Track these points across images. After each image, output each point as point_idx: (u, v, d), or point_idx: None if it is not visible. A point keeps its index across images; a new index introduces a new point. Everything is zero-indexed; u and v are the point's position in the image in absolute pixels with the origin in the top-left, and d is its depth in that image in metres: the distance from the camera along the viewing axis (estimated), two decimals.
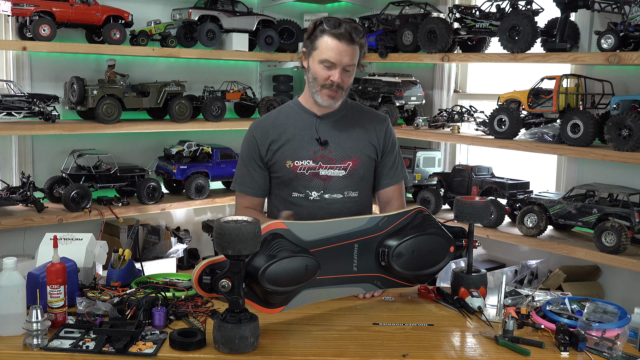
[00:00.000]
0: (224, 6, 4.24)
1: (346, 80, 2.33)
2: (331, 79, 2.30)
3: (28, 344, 1.77)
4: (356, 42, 2.28)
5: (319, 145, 2.40)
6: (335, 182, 2.41)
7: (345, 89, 2.36)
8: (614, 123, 3.02)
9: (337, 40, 2.26)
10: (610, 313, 1.96)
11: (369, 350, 1.82)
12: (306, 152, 2.40)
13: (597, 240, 3.08)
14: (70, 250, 2.19)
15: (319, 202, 2.41)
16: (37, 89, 3.80)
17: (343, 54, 2.27)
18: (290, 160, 2.39)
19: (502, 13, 3.53)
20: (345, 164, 2.41)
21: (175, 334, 1.80)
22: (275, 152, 2.41)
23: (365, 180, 2.48)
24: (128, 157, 4.17)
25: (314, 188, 2.40)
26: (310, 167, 2.39)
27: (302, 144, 2.40)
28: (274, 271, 1.82)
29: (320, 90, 2.34)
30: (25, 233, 3.78)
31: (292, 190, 2.43)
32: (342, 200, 2.42)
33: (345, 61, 2.28)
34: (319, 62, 2.30)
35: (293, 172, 2.40)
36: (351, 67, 2.31)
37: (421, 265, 2.15)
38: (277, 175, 2.44)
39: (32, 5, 3.50)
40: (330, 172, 2.40)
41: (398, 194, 2.53)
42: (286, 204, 2.44)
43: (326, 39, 2.28)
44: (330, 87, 2.32)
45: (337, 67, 2.29)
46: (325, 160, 2.39)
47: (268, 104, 4.34)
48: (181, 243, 4.14)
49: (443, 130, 3.96)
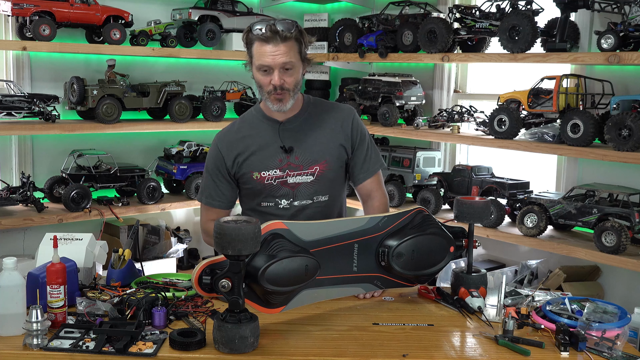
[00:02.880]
0: (224, 6, 4.24)
1: (289, 80, 2.26)
2: (272, 82, 2.25)
3: (28, 344, 1.77)
4: (287, 38, 2.21)
5: (284, 153, 2.36)
6: (304, 189, 2.38)
7: (292, 89, 2.28)
8: (614, 123, 3.02)
9: (265, 42, 2.20)
10: (610, 313, 1.96)
11: (369, 350, 1.82)
12: (272, 162, 2.36)
13: (597, 240, 3.08)
14: (70, 250, 2.19)
15: (288, 209, 2.39)
16: (37, 89, 3.80)
17: (275, 54, 2.21)
18: (257, 172, 2.37)
19: (502, 13, 3.53)
20: (313, 169, 2.37)
21: (175, 334, 1.80)
22: (242, 164, 2.39)
23: (336, 182, 2.45)
24: (128, 157, 4.17)
25: (283, 196, 2.39)
26: (277, 177, 2.36)
27: (267, 154, 2.37)
28: (274, 271, 1.82)
29: (268, 97, 2.30)
30: (25, 233, 3.78)
31: (262, 200, 2.41)
32: (311, 205, 2.40)
33: (280, 60, 2.21)
34: (257, 69, 2.28)
35: (261, 183, 2.38)
36: (290, 64, 2.24)
37: (421, 265, 2.15)
38: (246, 186, 2.42)
39: (32, 5, 3.50)
40: (299, 179, 2.37)
41: (377, 185, 2.50)
42: (256, 213, 2.43)
43: (257, 45, 2.24)
44: (274, 91, 2.26)
45: (274, 69, 2.23)
46: (292, 167, 2.36)
47: None
48: (181, 243, 4.14)
49: (443, 130, 3.96)
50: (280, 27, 2.20)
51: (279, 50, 2.21)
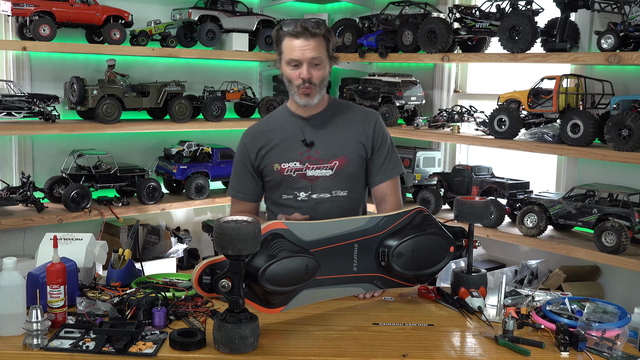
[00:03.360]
0: (224, 6, 4.24)
1: (316, 74, 2.35)
2: (300, 76, 2.34)
3: (28, 344, 1.77)
4: (316, 34, 2.31)
5: (305, 147, 2.43)
6: (323, 182, 2.43)
7: (319, 84, 2.37)
8: (614, 123, 3.02)
9: (296, 38, 2.31)
10: (610, 313, 1.96)
11: (369, 350, 1.82)
12: (293, 155, 2.43)
13: (597, 240, 3.08)
14: (70, 250, 2.20)
15: (307, 202, 2.44)
16: (37, 89, 3.80)
17: (305, 49, 2.30)
18: (278, 164, 2.44)
19: (502, 13, 3.53)
20: (332, 163, 2.43)
21: (175, 334, 1.80)
22: (264, 157, 2.47)
23: (355, 179, 2.48)
24: (128, 157, 4.17)
25: (301, 189, 2.43)
26: (297, 169, 2.43)
27: (288, 147, 2.44)
28: (274, 271, 1.82)
29: (296, 91, 2.38)
30: (25, 233, 3.78)
31: (282, 193, 2.47)
32: (330, 199, 2.44)
33: (309, 55, 2.31)
34: (286, 64, 2.37)
35: (280, 175, 2.44)
36: (318, 60, 2.33)
37: (421, 265, 2.15)
38: (268, 179, 2.49)
39: (32, 5, 3.50)
40: (318, 172, 2.43)
41: (392, 189, 2.52)
42: (277, 206, 2.50)
43: (287, 41, 2.34)
44: (302, 85, 2.35)
45: (303, 63, 2.32)
46: (311, 161, 2.42)
47: (268, 104, 4.34)
48: (181, 243, 4.14)
49: (443, 130, 3.96)
50: (310, 24, 2.31)
51: (308, 46, 2.30)
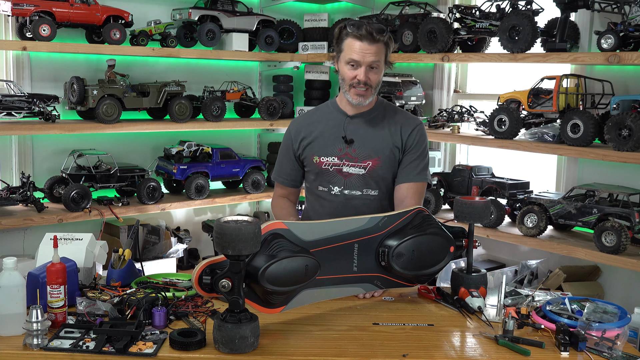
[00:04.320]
0: (224, 6, 4.24)
1: (373, 77, 2.40)
2: (357, 77, 2.39)
3: (28, 344, 1.77)
4: (379, 40, 2.36)
5: (344, 144, 2.49)
6: (355, 180, 2.49)
7: (374, 87, 2.43)
8: (614, 123, 3.02)
9: (359, 40, 2.35)
10: (610, 313, 1.96)
11: (369, 350, 1.82)
12: (332, 149, 2.50)
13: (597, 240, 3.08)
14: (70, 250, 2.20)
15: (339, 197, 2.51)
16: (37, 89, 3.80)
17: (366, 52, 2.35)
18: (317, 156, 2.52)
19: (502, 13, 3.53)
20: (366, 163, 2.48)
21: (175, 334, 1.80)
22: (306, 147, 2.55)
23: (386, 180, 2.52)
24: (128, 157, 4.17)
25: (336, 183, 2.51)
26: (334, 164, 2.50)
27: (329, 142, 2.51)
28: (274, 271, 1.82)
29: (349, 90, 2.45)
30: (25, 233, 3.78)
31: (318, 184, 2.56)
32: (361, 197, 2.50)
33: (369, 59, 2.36)
34: (345, 62, 2.41)
35: (319, 167, 2.52)
36: (376, 64, 2.39)
37: (421, 265, 2.15)
38: (307, 169, 2.58)
39: (32, 5, 3.50)
40: (352, 169, 2.49)
41: (412, 193, 2.48)
42: (313, 195, 2.60)
43: (349, 41, 2.38)
44: (357, 85, 2.40)
45: (361, 65, 2.37)
46: (348, 158, 2.49)
47: (268, 104, 4.34)
48: (181, 243, 4.14)
49: (443, 130, 3.96)
50: (375, 30, 2.35)
51: (370, 50, 2.36)
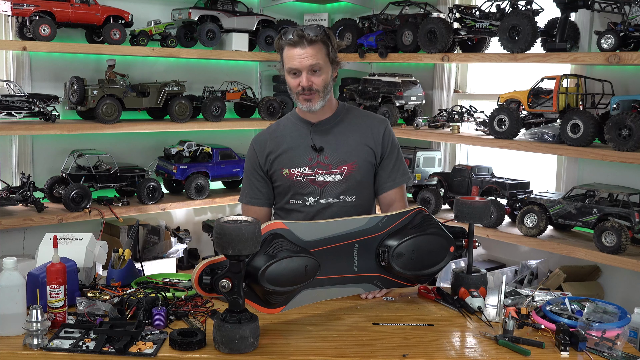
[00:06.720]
0: (224, 6, 4.24)
1: (316, 80, 2.35)
2: (301, 84, 2.35)
3: (28, 344, 1.77)
4: (313, 41, 2.31)
5: (314, 152, 2.44)
6: (332, 187, 2.43)
7: (321, 90, 2.37)
8: (614, 123, 3.02)
9: (293, 47, 2.32)
10: (610, 313, 1.96)
11: (369, 350, 1.82)
12: (302, 160, 2.44)
13: (597, 240, 3.08)
14: (70, 250, 2.19)
15: (314, 206, 2.44)
16: (37, 89, 3.80)
17: (302, 57, 2.31)
18: (287, 169, 2.45)
19: (502, 13, 3.53)
20: (341, 168, 2.43)
21: (175, 334, 1.80)
22: (273, 162, 2.47)
23: (363, 185, 2.48)
24: (128, 157, 4.17)
25: (310, 194, 2.44)
26: (306, 174, 2.44)
27: (298, 153, 2.45)
28: (274, 271, 1.82)
29: (298, 98, 2.40)
30: (25, 233, 3.78)
31: (290, 198, 2.48)
32: (337, 204, 2.44)
33: (307, 63, 2.31)
34: (287, 73, 2.39)
35: (290, 180, 2.45)
36: (317, 66, 2.33)
37: (421, 265, 2.15)
38: (277, 184, 2.50)
39: (32, 5, 3.50)
40: (327, 177, 2.43)
41: (400, 196, 2.52)
42: (284, 211, 2.51)
43: (286, 50, 2.35)
44: (303, 92, 2.36)
45: (302, 72, 2.33)
46: (321, 166, 2.43)
47: (268, 104, 4.34)
48: (181, 243, 4.14)
49: (443, 130, 3.96)
50: (307, 32, 2.31)
51: (306, 53, 2.31)
